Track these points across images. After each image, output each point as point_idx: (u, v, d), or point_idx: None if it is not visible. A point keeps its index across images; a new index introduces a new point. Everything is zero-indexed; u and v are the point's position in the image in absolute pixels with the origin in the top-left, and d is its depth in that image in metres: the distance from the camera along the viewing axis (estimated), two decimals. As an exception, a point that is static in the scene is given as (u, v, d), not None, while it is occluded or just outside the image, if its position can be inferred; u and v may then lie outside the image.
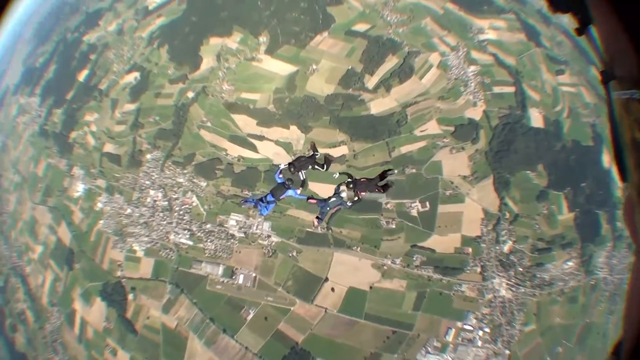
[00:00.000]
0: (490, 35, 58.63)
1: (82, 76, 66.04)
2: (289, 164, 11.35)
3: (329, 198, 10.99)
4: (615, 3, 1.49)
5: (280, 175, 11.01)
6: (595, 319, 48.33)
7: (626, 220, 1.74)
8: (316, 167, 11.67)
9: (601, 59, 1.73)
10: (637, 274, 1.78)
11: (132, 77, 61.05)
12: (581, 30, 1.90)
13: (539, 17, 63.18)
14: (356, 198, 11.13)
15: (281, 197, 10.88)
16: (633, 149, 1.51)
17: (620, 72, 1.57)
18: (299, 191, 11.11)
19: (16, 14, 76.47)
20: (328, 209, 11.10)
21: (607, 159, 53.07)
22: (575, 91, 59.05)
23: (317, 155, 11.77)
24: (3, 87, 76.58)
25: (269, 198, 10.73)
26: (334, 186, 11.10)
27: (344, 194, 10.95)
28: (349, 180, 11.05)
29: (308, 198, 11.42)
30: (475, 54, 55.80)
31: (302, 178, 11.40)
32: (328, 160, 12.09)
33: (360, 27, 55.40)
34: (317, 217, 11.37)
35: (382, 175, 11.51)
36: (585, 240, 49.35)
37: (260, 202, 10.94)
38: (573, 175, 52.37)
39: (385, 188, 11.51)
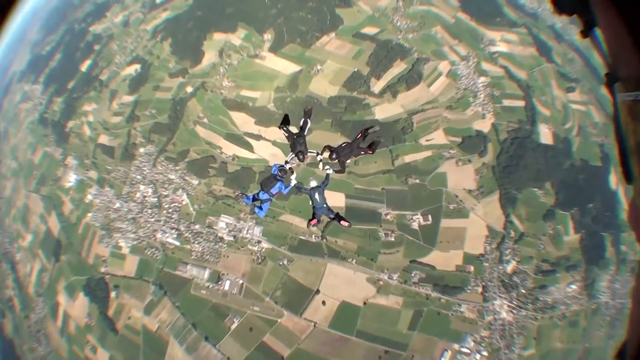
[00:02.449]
0: (502, 47, 54.14)
1: (84, 66, 61.85)
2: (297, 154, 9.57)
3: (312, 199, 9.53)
4: (620, 5, 1.42)
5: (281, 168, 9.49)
6: (595, 343, 43.56)
7: (630, 222, 1.63)
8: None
9: (606, 61, 1.63)
10: None
11: (133, 69, 56.50)
12: (586, 32, 1.79)
13: (550, 32, 58.99)
14: (337, 169, 9.66)
15: (274, 192, 9.26)
16: (637, 151, 1.43)
17: (625, 74, 1.48)
18: (289, 186, 9.58)
19: (27, 3, 72.87)
20: (324, 206, 9.47)
21: (614, 180, 48.72)
22: (585, 110, 54.31)
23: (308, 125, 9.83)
24: (10, 74, 72.69)
25: (262, 196, 9.23)
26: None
27: (313, 183, 9.61)
28: (330, 150, 9.71)
29: (309, 221, 9.62)
30: (485, 65, 51.10)
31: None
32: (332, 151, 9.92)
33: (369, 30, 50.79)
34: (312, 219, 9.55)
35: (364, 134, 9.83)
36: (589, 263, 44.87)
37: (255, 205, 9.38)
38: (581, 195, 47.62)
39: (372, 147, 9.80)
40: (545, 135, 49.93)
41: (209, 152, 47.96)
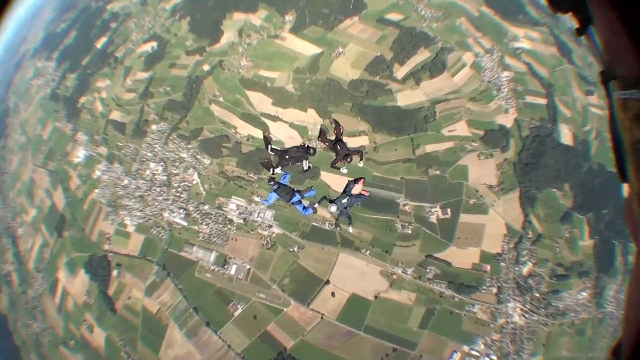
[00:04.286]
0: (525, 44, 51.15)
1: (100, 43, 59.03)
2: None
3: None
4: (615, 3, 1.35)
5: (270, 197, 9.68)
6: (597, 353, 40.62)
7: (626, 220, 1.60)
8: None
9: (601, 59, 1.58)
10: (637, 276, 1.61)
11: (149, 47, 53.31)
12: (581, 30, 1.73)
13: (570, 35, 55.58)
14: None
15: (293, 188, 9.57)
16: (632, 149, 1.41)
17: (620, 72, 1.44)
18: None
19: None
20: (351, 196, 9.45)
21: (627, 188, 45.30)
22: (603, 114, 50.81)
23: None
24: (22, 50, 69.79)
25: (296, 198, 9.56)
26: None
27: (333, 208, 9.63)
28: (345, 157, 9.68)
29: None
30: (509, 60, 48.19)
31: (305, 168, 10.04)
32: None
33: (393, 16, 47.39)
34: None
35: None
36: (600, 271, 42.04)
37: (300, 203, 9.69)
38: (597, 200, 44.46)
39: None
40: (565, 135, 47.10)
41: (223, 131, 44.82)
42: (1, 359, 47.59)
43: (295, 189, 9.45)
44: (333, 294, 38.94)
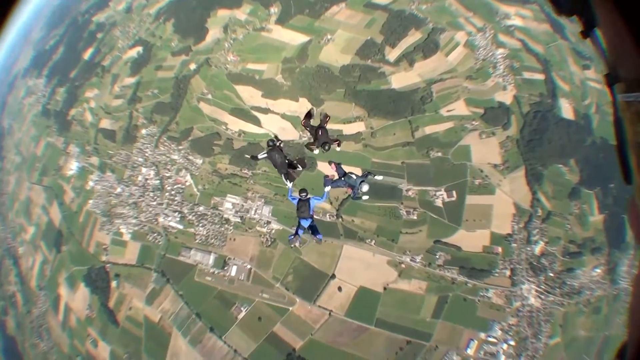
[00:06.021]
0: (517, 21, 48.79)
1: (87, 54, 56.84)
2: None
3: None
4: (621, 5, 1.32)
5: (293, 194, 8.99)
6: (613, 331, 38.35)
7: (630, 222, 1.57)
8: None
9: (606, 61, 1.53)
10: None
11: (135, 52, 50.89)
12: (586, 32, 1.65)
13: (561, 12, 52.96)
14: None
15: (312, 213, 8.89)
16: (636, 150, 1.37)
17: (625, 75, 1.40)
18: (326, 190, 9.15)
19: (30, 3, 68.16)
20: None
21: (633, 160, 42.80)
22: (601, 88, 47.92)
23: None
24: (14, 71, 67.77)
25: (304, 223, 8.92)
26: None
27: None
28: (322, 145, 9.16)
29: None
30: (502, 37, 45.62)
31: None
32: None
33: (381, 0, 44.48)
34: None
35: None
36: (612, 246, 39.43)
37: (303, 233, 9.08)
38: (602, 174, 41.61)
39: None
40: (566, 110, 44.78)
41: (213, 129, 42.28)
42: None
43: (312, 217, 8.68)
44: (340, 289, 36.18)
